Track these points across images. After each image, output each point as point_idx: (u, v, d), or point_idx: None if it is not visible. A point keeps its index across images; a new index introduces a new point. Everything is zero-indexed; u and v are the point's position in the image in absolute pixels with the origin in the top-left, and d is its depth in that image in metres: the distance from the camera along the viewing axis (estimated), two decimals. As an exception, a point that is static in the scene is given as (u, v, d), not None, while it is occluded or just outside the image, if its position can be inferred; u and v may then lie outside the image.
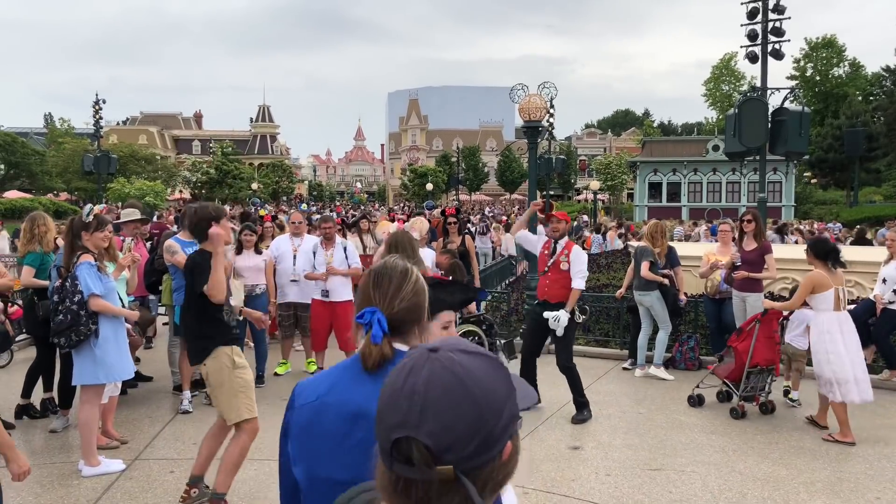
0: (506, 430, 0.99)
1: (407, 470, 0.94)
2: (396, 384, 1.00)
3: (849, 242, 18.56)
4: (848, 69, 60.90)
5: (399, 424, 0.96)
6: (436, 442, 0.93)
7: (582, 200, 58.31)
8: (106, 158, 29.66)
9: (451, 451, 0.94)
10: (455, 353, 1.01)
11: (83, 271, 5.33)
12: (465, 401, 0.96)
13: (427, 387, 0.97)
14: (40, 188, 55.34)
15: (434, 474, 0.93)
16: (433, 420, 0.94)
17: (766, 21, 16.59)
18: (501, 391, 1.00)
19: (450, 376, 0.98)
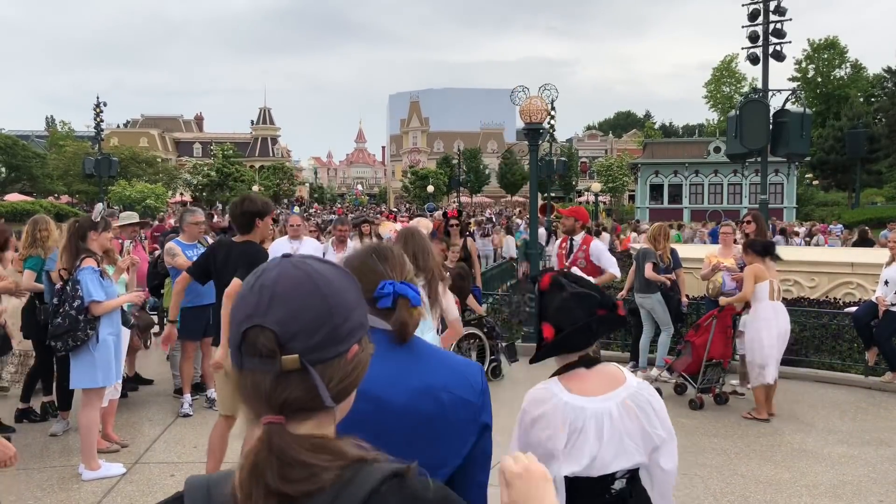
0: (352, 332, 1.02)
1: (255, 363, 0.97)
2: (248, 284, 1.03)
3: (851, 244, 18.55)
4: (849, 70, 60.88)
5: (248, 316, 0.98)
6: (282, 328, 0.96)
7: (583, 202, 58.28)
8: (107, 161, 29.68)
9: (297, 339, 0.96)
10: (309, 258, 1.06)
11: (85, 276, 5.30)
12: (313, 294, 0.99)
13: (276, 281, 1.00)
14: (41, 191, 55.37)
15: (279, 362, 0.95)
16: (280, 308, 0.97)
17: (768, 22, 16.57)
18: (351, 296, 1.04)
19: (300, 273, 1.01)
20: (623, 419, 2.23)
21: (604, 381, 2.29)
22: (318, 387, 0.97)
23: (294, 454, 0.93)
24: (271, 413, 0.97)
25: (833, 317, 8.98)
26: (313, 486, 0.92)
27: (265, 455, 0.93)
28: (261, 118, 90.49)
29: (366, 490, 0.93)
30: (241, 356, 0.99)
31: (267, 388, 0.97)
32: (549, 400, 2.24)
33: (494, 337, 8.56)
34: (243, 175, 65.94)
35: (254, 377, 0.98)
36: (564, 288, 2.36)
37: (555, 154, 38.44)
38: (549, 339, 2.33)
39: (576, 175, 71.80)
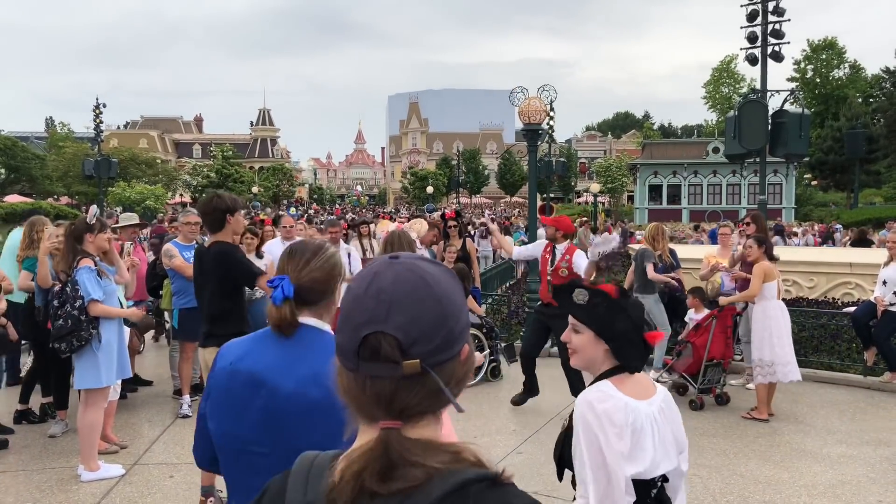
0: (463, 332, 1.04)
1: (374, 367, 0.97)
2: (361, 288, 1.02)
3: (849, 243, 18.56)
4: (848, 71, 60.91)
5: (367, 322, 0.98)
6: (404, 335, 0.97)
7: (582, 203, 58.33)
8: (106, 162, 29.67)
9: (418, 344, 0.97)
10: (416, 259, 1.07)
11: (83, 276, 5.31)
12: (429, 298, 1.00)
13: (394, 286, 1.00)
14: (41, 192, 55.34)
15: (402, 368, 0.96)
16: (401, 314, 0.98)
17: (766, 23, 16.59)
18: (459, 297, 1.06)
19: (415, 277, 1.02)
20: (663, 423, 2.28)
21: (644, 387, 2.34)
22: (443, 390, 0.98)
23: (410, 457, 0.94)
24: (389, 418, 0.98)
25: (832, 317, 8.99)
26: (406, 484, 0.93)
27: (378, 456, 0.94)
28: (260, 119, 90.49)
29: (446, 488, 0.92)
30: (357, 360, 0.99)
31: (387, 393, 0.98)
32: (609, 399, 2.25)
33: (494, 337, 8.57)
34: (243, 176, 65.93)
35: (373, 382, 0.98)
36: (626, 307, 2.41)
37: (554, 155, 38.45)
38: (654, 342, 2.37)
39: (575, 176, 71.88)
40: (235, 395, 1.86)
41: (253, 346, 1.95)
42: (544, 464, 5.69)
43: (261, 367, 1.87)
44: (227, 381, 1.89)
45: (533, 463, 5.73)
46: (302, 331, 1.93)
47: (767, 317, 7.00)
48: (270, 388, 1.82)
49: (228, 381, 1.89)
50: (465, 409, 0.99)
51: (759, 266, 7.08)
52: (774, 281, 7.06)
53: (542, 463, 5.71)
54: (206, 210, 4.60)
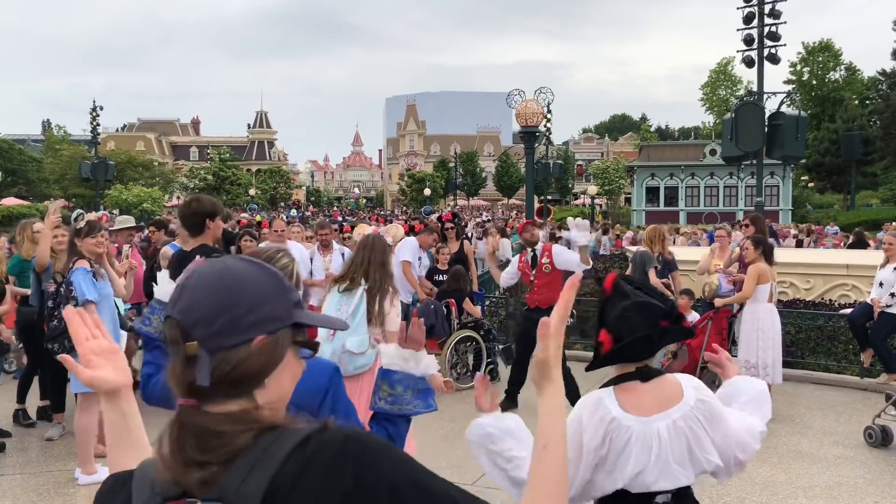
0: (258, 323, 1.07)
1: (171, 350, 1.07)
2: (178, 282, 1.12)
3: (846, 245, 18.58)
4: (844, 73, 61.06)
5: (169, 307, 1.09)
6: (184, 316, 1.05)
7: (580, 205, 58.37)
8: (103, 165, 29.71)
9: (198, 326, 1.04)
10: (231, 258, 1.15)
11: (78, 277, 5.31)
12: (216, 286, 1.07)
13: (188, 276, 1.10)
14: (37, 195, 55.27)
15: (183, 348, 1.04)
16: (185, 298, 1.07)
17: (762, 26, 16.64)
18: (264, 291, 1.09)
19: (211, 269, 1.10)
20: (672, 442, 2.14)
21: (658, 398, 2.19)
22: (202, 368, 1.03)
23: (208, 426, 1.00)
24: (183, 395, 1.05)
25: (828, 318, 9.01)
26: (229, 449, 0.99)
27: (177, 432, 1.01)
28: (257, 122, 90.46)
29: (289, 446, 0.98)
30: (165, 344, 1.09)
31: (178, 372, 1.05)
32: (598, 411, 2.18)
33: (491, 339, 8.57)
34: (240, 178, 65.94)
35: (172, 363, 1.07)
36: (627, 296, 2.24)
37: (551, 157, 38.51)
38: (606, 349, 2.23)
39: (572, 178, 71.89)
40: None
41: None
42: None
43: None
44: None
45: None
46: None
47: (756, 319, 7.05)
48: None
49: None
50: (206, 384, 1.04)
51: (754, 267, 7.10)
52: (768, 284, 7.07)
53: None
54: (185, 213, 4.47)
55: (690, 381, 2.28)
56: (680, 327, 2.28)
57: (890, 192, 48.20)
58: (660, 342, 2.26)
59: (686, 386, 2.24)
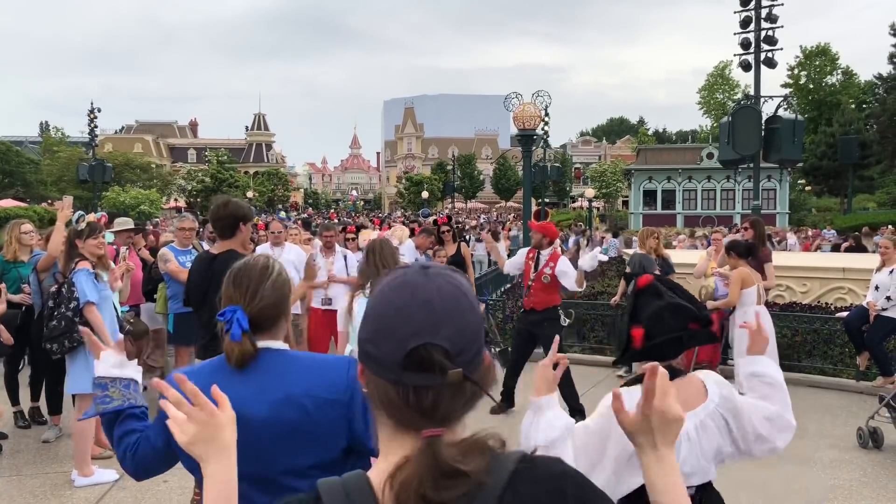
0: (483, 341, 1.08)
1: (419, 378, 0.99)
2: (402, 299, 1.03)
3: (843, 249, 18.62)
4: (841, 77, 61.21)
5: (414, 334, 1.00)
6: (452, 345, 1.00)
7: (577, 208, 58.43)
8: (101, 167, 29.63)
9: (462, 354, 1.01)
10: (446, 270, 1.09)
11: (81, 278, 5.32)
12: (469, 310, 1.05)
13: (440, 297, 1.02)
14: (35, 197, 55.22)
15: (447, 377, 0.99)
16: (449, 326, 1.01)
17: (759, 30, 16.67)
18: (478, 308, 1.09)
19: (454, 289, 1.05)
20: (700, 440, 2.18)
21: (684, 397, 2.17)
22: (483, 394, 1.04)
23: (454, 464, 0.97)
24: (432, 425, 0.99)
25: (825, 322, 9.02)
26: (465, 489, 0.96)
27: (427, 466, 0.96)
28: (255, 124, 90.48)
29: (503, 479, 0.99)
30: (400, 372, 1.00)
31: (430, 402, 1.00)
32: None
33: (488, 342, 8.58)
34: (238, 181, 65.91)
35: (416, 392, 1.00)
36: (662, 295, 2.29)
37: (549, 160, 38.54)
38: (638, 345, 2.28)
39: (570, 181, 71.95)
40: None
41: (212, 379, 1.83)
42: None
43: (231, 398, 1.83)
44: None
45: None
46: (262, 355, 1.87)
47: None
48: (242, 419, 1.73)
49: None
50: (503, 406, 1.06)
51: (736, 272, 7.11)
52: (753, 287, 7.05)
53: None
54: (219, 215, 4.31)
55: (712, 378, 2.32)
56: (708, 331, 2.33)
57: (887, 196, 48.29)
58: (688, 344, 2.32)
59: (709, 383, 2.29)
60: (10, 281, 6.50)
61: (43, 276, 6.28)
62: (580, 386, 8.28)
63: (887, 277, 7.72)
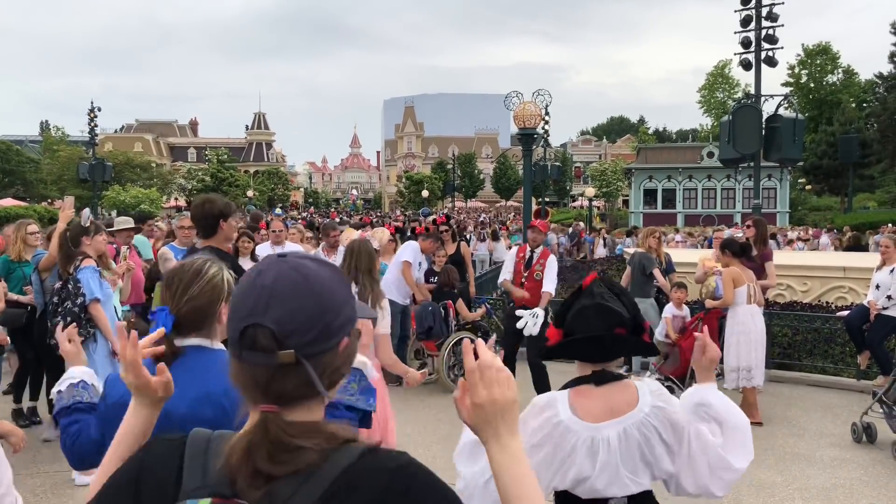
0: (342, 326, 1.10)
1: (252, 356, 1.05)
2: (247, 282, 1.11)
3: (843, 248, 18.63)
4: (842, 76, 61.18)
5: (248, 314, 1.06)
6: (279, 327, 1.04)
7: (577, 207, 58.42)
8: (101, 166, 29.63)
9: (293, 336, 1.05)
10: (302, 258, 1.14)
11: (87, 275, 5.34)
12: (307, 294, 1.07)
13: (275, 282, 1.08)
14: (35, 196, 55.21)
15: (276, 357, 1.04)
16: (278, 308, 1.05)
17: (760, 28, 16.65)
18: (341, 294, 1.12)
19: (296, 274, 1.09)
20: (621, 450, 2.11)
21: (611, 404, 2.16)
22: (314, 379, 1.05)
23: (288, 439, 1.02)
24: (267, 402, 1.06)
25: (825, 321, 9.01)
26: (297, 466, 1.01)
27: (259, 439, 1.03)
28: (255, 123, 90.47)
29: (342, 466, 1.02)
30: (239, 350, 1.07)
31: (265, 380, 1.06)
32: (545, 412, 2.16)
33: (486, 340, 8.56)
34: (238, 180, 65.91)
35: (252, 370, 1.06)
36: (594, 296, 2.25)
37: (549, 159, 38.53)
38: (552, 342, 2.28)
39: (570, 180, 71.94)
40: None
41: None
42: (539, 467, 5.70)
43: None
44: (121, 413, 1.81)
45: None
46: (188, 353, 1.94)
47: (736, 322, 7.06)
48: (164, 415, 1.75)
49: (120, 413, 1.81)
50: (331, 397, 1.09)
51: (727, 272, 7.11)
52: (744, 286, 7.05)
53: (536, 466, 5.72)
54: (197, 214, 4.42)
55: (649, 387, 2.23)
56: (639, 340, 2.24)
57: (887, 195, 48.30)
58: (612, 348, 2.25)
59: (643, 392, 2.20)
60: (15, 281, 6.52)
61: (45, 275, 6.28)
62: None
63: (888, 276, 7.70)
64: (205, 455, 1.08)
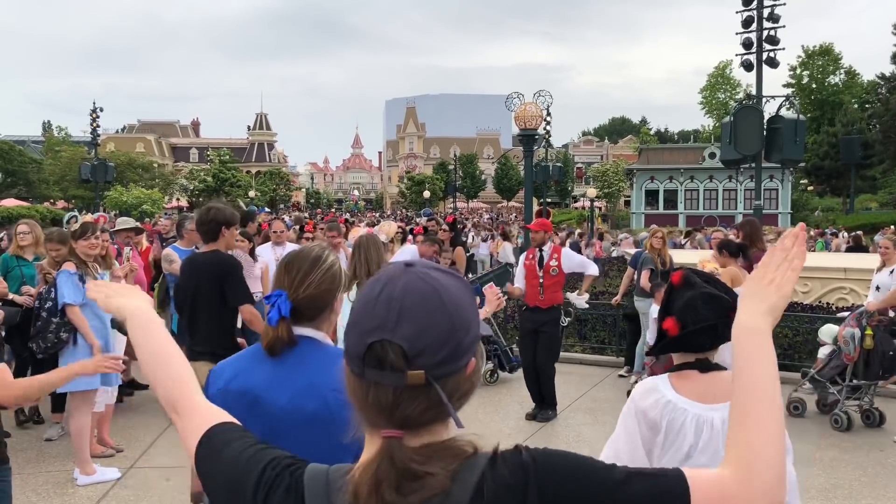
0: (471, 345, 1.02)
1: (379, 375, 0.97)
2: (372, 293, 1.02)
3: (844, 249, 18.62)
4: (844, 77, 61.11)
5: (374, 329, 0.98)
6: (410, 345, 0.96)
7: (579, 208, 58.41)
8: (103, 166, 29.65)
9: (424, 355, 0.96)
10: (430, 268, 1.05)
11: (62, 279, 5.40)
12: (439, 310, 0.99)
13: (404, 294, 0.99)
14: (37, 196, 55.26)
15: (406, 377, 0.96)
16: (409, 324, 0.97)
17: (761, 29, 16.67)
18: (471, 309, 1.04)
19: (426, 287, 1.00)
20: (724, 432, 2.12)
21: (713, 390, 2.20)
22: (445, 404, 0.97)
23: (414, 467, 0.95)
24: (391, 426, 0.98)
25: (826, 322, 9.00)
26: (427, 494, 0.95)
27: (385, 468, 0.95)
28: (257, 123, 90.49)
29: (472, 485, 0.96)
30: (363, 366, 0.99)
31: (390, 402, 0.97)
32: (652, 396, 2.23)
33: (491, 342, 8.58)
34: (240, 180, 65.92)
35: (376, 389, 0.98)
36: (695, 286, 2.28)
37: (550, 160, 38.53)
38: (672, 335, 2.26)
39: (571, 181, 71.93)
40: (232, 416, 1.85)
41: (245, 364, 1.91)
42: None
43: (254, 384, 1.82)
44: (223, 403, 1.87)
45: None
46: (301, 343, 1.87)
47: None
48: (266, 405, 1.79)
49: (223, 403, 1.86)
50: (464, 426, 1.01)
51: (725, 272, 7.03)
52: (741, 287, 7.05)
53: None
54: (203, 220, 4.54)
55: None
56: None
57: (889, 196, 48.25)
58: (724, 334, 2.24)
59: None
60: (13, 280, 6.57)
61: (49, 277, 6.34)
62: (581, 386, 8.29)
63: (888, 277, 7.70)
64: (326, 492, 1.02)
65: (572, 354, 9.54)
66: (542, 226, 7.32)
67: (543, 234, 7.19)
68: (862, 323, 6.80)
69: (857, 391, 6.86)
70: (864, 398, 6.89)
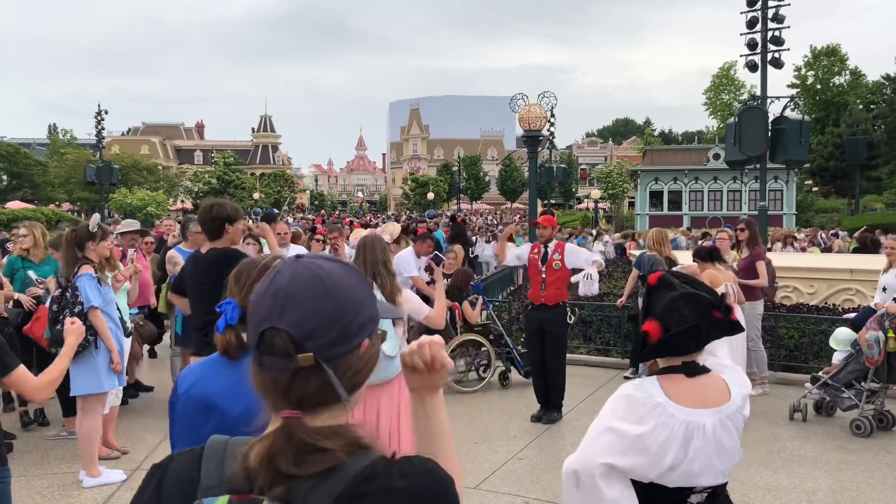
0: (362, 327, 1.09)
1: (272, 361, 1.04)
2: (262, 287, 1.09)
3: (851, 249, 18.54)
4: (849, 77, 60.94)
5: (263, 318, 1.05)
6: (297, 330, 1.03)
7: (583, 209, 58.36)
8: (108, 169, 29.78)
9: (311, 339, 1.03)
10: (319, 259, 1.12)
11: (84, 282, 5.33)
12: (324, 295, 1.06)
13: (289, 284, 1.06)
14: (42, 199, 55.45)
15: (295, 361, 1.02)
16: (294, 311, 1.04)
17: (766, 30, 16.64)
18: (360, 293, 1.10)
19: (311, 275, 1.07)
20: (716, 438, 2.10)
21: (704, 394, 2.14)
22: (333, 382, 1.04)
23: (310, 441, 1.01)
24: (289, 407, 1.04)
25: (832, 323, 8.96)
26: (322, 467, 1.00)
27: (282, 444, 1.01)
28: (261, 126, 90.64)
29: (356, 470, 1.01)
30: (259, 355, 1.06)
31: (284, 384, 1.04)
32: (639, 395, 2.13)
33: (503, 345, 8.55)
34: (244, 182, 66.07)
35: (272, 375, 1.05)
36: (674, 287, 2.18)
37: (554, 161, 38.51)
38: (654, 339, 2.15)
39: (575, 182, 71.86)
40: (190, 421, 1.85)
41: (206, 371, 1.94)
42: (545, 469, 5.69)
43: (212, 391, 1.86)
44: (184, 407, 1.89)
45: (534, 468, 5.73)
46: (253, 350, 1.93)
47: None
48: (221, 412, 1.81)
49: (184, 407, 1.88)
50: (348, 398, 1.07)
51: (704, 275, 6.99)
52: (721, 286, 6.81)
53: (542, 469, 5.71)
54: (204, 218, 4.53)
55: (734, 379, 2.23)
56: (728, 319, 2.18)
57: (894, 197, 48.10)
58: (708, 334, 2.19)
59: (732, 384, 2.20)
60: (18, 281, 6.60)
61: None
62: (586, 387, 8.26)
63: (894, 279, 7.68)
64: (222, 457, 1.08)
65: (577, 356, 9.52)
66: (549, 221, 7.32)
67: (551, 230, 7.19)
68: (885, 325, 6.69)
69: (874, 395, 6.76)
70: (877, 401, 6.82)
